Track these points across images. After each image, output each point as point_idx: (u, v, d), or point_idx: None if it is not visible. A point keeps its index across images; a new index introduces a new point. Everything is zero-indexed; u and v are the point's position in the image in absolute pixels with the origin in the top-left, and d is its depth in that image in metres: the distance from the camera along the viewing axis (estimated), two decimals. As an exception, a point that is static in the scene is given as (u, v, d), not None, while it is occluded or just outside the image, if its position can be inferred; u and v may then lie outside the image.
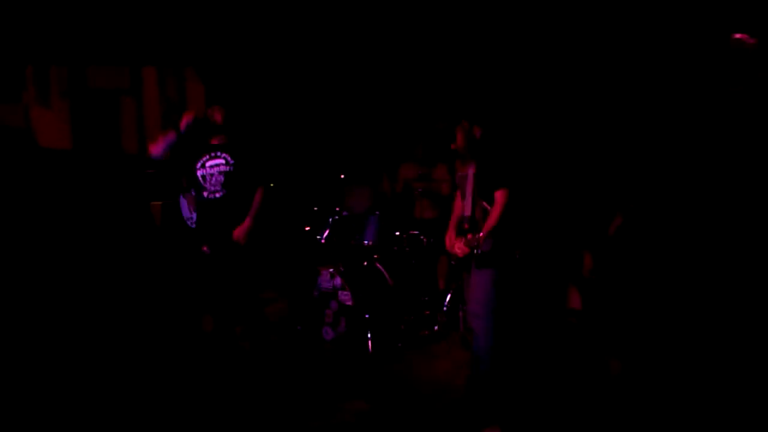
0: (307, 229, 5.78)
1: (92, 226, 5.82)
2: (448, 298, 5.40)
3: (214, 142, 4.49)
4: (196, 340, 5.02)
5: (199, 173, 4.48)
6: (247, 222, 4.48)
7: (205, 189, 4.47)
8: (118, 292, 5.61)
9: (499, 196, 3.95)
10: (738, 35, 4.31)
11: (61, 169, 5.97)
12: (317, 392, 4.25)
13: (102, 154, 6.24)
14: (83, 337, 4.98)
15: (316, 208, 5.84)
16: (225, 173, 4.45)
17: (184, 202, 5.42)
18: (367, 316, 5.04)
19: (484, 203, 4.01)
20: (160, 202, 5.97)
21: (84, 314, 5.25)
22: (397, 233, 5.67)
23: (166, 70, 6.49)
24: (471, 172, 4.06)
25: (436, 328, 5.39)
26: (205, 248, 4.51)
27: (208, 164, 4.48)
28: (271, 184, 4.72)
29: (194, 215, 4.88)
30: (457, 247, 3.97)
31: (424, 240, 5.58)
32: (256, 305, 4.71)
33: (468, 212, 4.04)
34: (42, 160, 5.97)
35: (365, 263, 5.50)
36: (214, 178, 4.45)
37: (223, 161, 4.47)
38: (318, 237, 5.67)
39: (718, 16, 4.46)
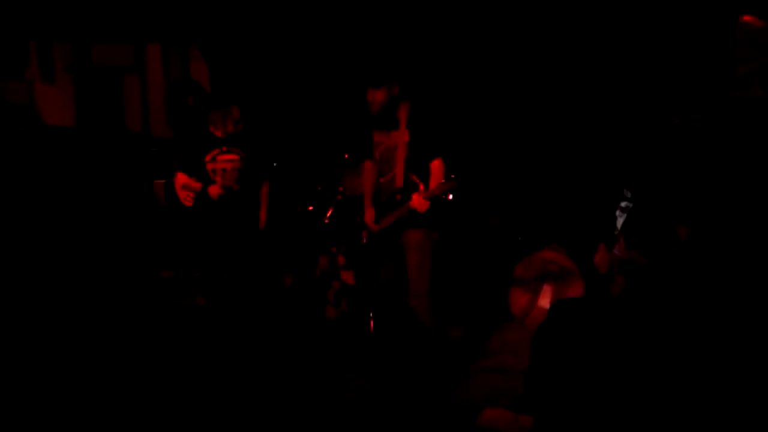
0: (310, 208, 5.78)
1: (95, 203, 5.82)
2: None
3: (220, 135, 4.57)
4: (197, 318, 5.04)
5: (209, 167, 4.57)
6: (264, 215, 4.70)
7: (215, 183, 4.55)
8: (121, 270, 5.62)
9: (438, 163, 3.89)
10: (747, 17, 4.27)
11: (64, 146, 5.97)
12: (319, 370, 4.26)
13: (106, 132, 6.23)
14: (83, 312, 4.99)
15: (318, 188, 5.83)
16: (239, 169, 4.51)
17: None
18: (369, 295, 5.04)
19: (414, 176, 3.97)
20: (163, 181, 5.97)
21: (86, 292, 5.26)
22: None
23: (170, 49, 6.47)
24: (402, 141, 3.97)
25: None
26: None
27: (219, 158, 4.57)
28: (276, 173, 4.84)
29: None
30: (419, 204, 3.83)
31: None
32: (264, 285, 4.78)
33: (400, 184, 3.98)
34: (45, 137, 5.97)
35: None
36: (227, 174, 4.54)
37: (236, 156, 4.56)
38: (320, 217, 5.66)
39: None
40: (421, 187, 3.87)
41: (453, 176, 3.76)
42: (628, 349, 3.43)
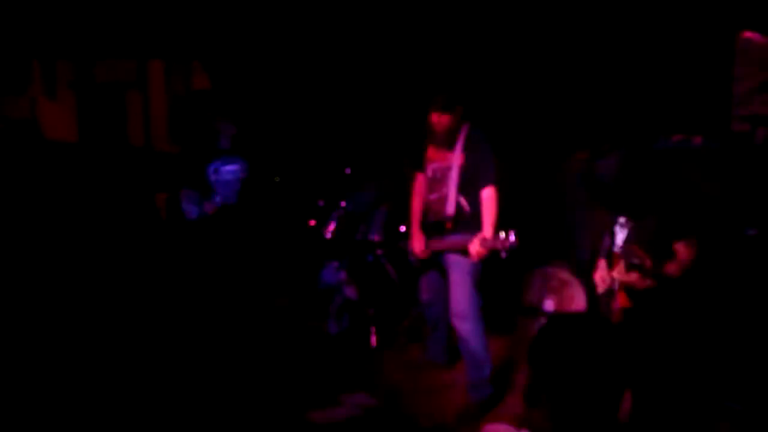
0: (312, 223, 5.76)
1: (97, 218, 5.83)
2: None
3: (225, 146, 4.57)
4: (198, 333, 5.02)
5: (212, 178, 4.54)
6: None
7: (218, 194, 4.52)
8: (123, 284, 5.61)
9: (492, 192, 3.78)
10: (746, 34, 4.27)
11: (67, 161, 5.98)
12: (321, 385, 4.24)
13: (108, 147, 6.25)
14: (86, 329, 4.98)
15: (321, 203, 5.81)
16: (241, 180, 4.51)
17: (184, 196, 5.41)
18: (371, 310, 5.02)
19: (463, 200, 3.86)
20: (165, 194, 5.97)
21: (88, 306, 5.25)
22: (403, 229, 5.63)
23: (172, 64, 6.49)
24: (456, 165, 3.85)
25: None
26: None
27: (222, 169, 4.55)
28: (276, 179, 4.78)
29: (192, 208, 4.89)
30: (475, 252, 3.64)
31: None
32: (261, 299, 4.76)
33: (451, 211, 3.85)
34: (48, 153, 5.99)
35: (370, 258, 5.47)
36: (230, 186, 4.51)
37: (238, 167, 4.55)
38: (323, 231, 5.64)
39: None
40: (483, 235, 3.65)
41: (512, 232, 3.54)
42: (625, 363, 3.42)
